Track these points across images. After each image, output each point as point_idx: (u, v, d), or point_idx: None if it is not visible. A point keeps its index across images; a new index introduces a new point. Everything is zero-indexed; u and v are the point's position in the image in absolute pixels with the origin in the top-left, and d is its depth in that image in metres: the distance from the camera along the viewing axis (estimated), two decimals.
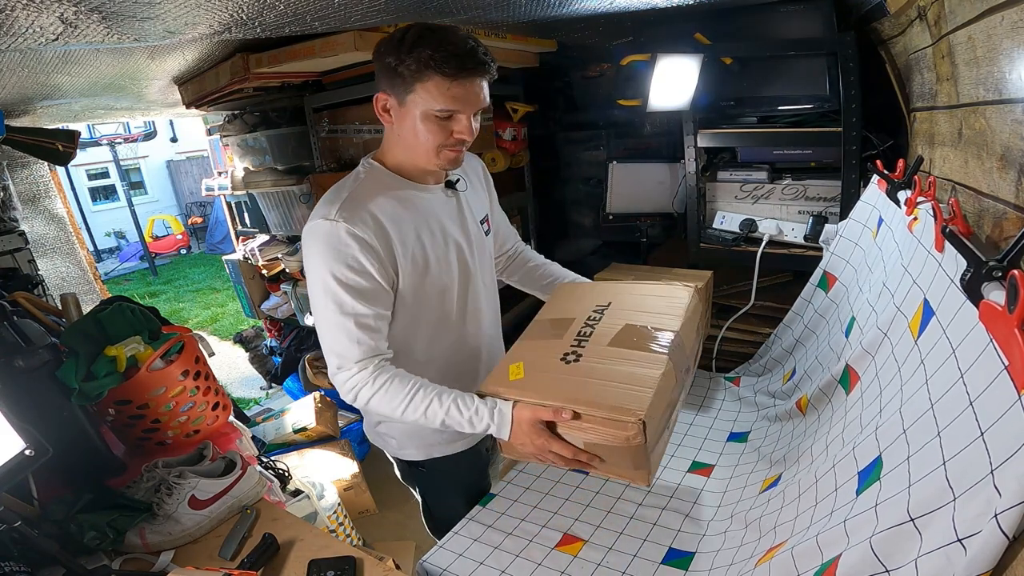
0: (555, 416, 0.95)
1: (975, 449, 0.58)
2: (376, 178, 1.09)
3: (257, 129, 2.55)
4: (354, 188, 1.06)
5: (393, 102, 1.02)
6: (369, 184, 1.08)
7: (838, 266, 1.43)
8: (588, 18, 1.68)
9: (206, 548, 1.09)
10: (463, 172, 1.21)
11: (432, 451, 1.24)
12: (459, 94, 0.98)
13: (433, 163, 1.07)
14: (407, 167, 1.10)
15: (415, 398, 1.01)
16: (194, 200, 11.29)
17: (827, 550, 0.73)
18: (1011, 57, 0.79)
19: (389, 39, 0.99)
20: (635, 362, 1.00)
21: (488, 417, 1.00)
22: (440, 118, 1.01)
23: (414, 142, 1.04)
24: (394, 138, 1.08)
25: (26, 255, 2.26)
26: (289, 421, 2.50)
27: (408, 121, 1.02)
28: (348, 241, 0.99)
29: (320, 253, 1.01)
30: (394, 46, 0.98)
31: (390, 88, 1.01)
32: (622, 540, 1.09)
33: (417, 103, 0.99)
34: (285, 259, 2.76)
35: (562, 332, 1.12)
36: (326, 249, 1.00)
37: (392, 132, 1.07)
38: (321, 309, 1.03)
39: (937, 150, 1.18)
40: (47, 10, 0.88)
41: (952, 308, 0.74)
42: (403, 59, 0.96)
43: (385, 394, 1.02)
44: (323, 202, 1.05)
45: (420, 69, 0.96)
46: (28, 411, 0.96)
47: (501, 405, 1.00)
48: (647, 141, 2.40)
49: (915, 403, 0.75)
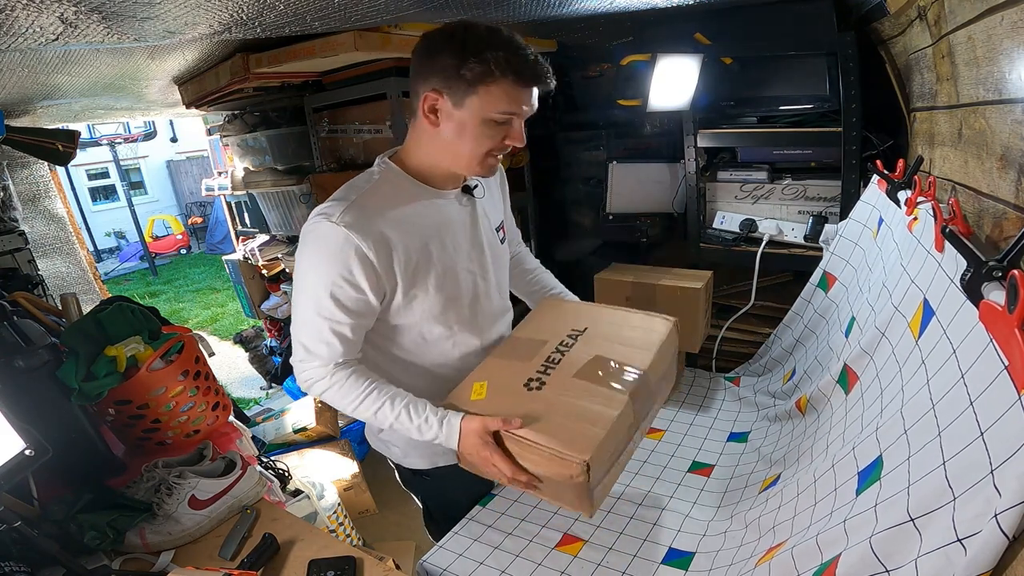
0: (503, 426, 0.95)
1: (975, 449, 0.58)
2: (390, 181, 1.05)
3: (257, 129, 2.55)
4: (365, 191, 1.02)
5: (445, 103, 0.97)
6: (382, 188, 1.04)
7: (838, 266, 1.43)
8: (588, 18, 1.68)
9: (206, 548, 1.09)
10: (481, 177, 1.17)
11: (436, 460, 1.20)
12: (524, 99, 0.97)
13: (474, 170, 1.03)
14: (429, 171, 1.06)
15: (367, 398, 1.01)
16: (194, 200, 11.29)
17: (827, 550, 0.73)
18: (1011, 57, 0.79)
19: (443, 38, 0.95)
20: (595, 398, 0.98)
21: (437, 427, 1.00)
22: (498, 123, 0.98)
23: (459, 146, 1.00)
24: (427, 140, 1.03)
25: (26, 255, 2.26)
26: (289, 421, 2.50)
27: (459, 124, 0.98)
28: (347, 249, 0.96)
29: (316, 253, 0.99)
30: (455, 47, 0.93)
31: (445, 89, 0.95)
32: (622, 540, 1.09)
33: (478, 106, 0.95)
34: (285, 259, 2.76)
35: (532, 354, 1.11)
36: (322, 250, 0.98)
37: (428, 133, 1.02)
38: (301, 302, 1.02)
39: (937, 150, 1.18)
40: (47, 10, 0.88)
41: (952, 308, 0.74)
42: (467, 60, 0.92)
43: (340, 390, 1.02)
44: (331, 200, 1.01)
45: (490, 71, 0.93)
46: (28, 411, 0.96)
47: (451, 416, 1.00)
48: (647, 141, 2.40)
49: (917, 403, 0.75)
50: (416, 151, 1.06)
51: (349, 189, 1.04)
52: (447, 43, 0.94)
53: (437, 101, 0.97)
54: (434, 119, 0.99)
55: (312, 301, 1.00)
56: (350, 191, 1.03)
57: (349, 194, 1.02)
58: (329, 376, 1.02)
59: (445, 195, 1.09)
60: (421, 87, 0.98)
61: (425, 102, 0.98)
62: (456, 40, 0.94)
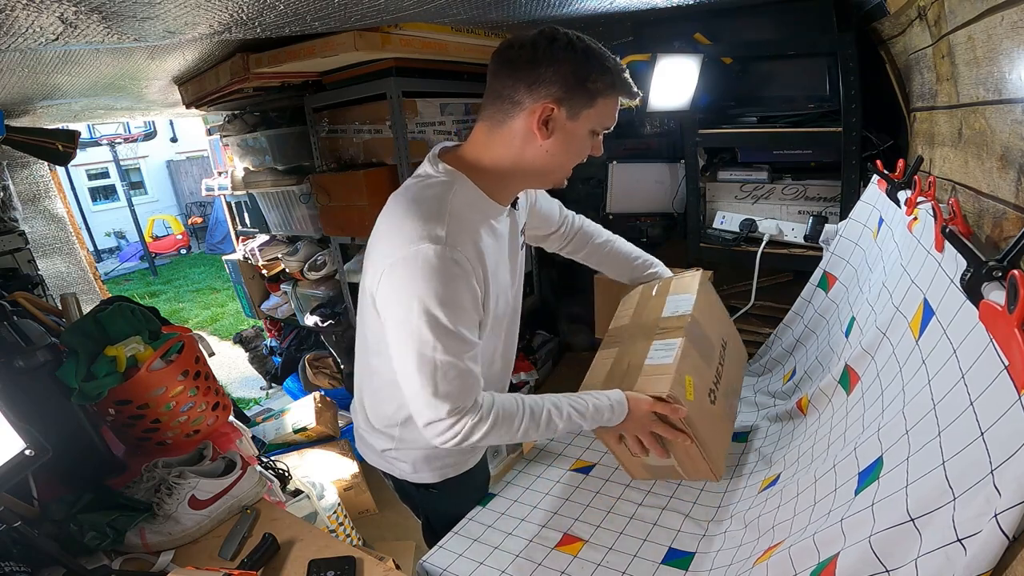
0: (671, 412, 1.03)
1: (975, 449, 0.58)
2: (465, 195, 0.96)
3: (257, 129, 2.55)
4: (451, 203, 0.92)
5: (562, 114, 0.91)
6: (460, 202, 0.94)
7: (838, 266, 1.42)
8: (588, 18, 1.68)
9: (206, 548, 1.09)
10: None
11: (447, 472, 1.19)
12: (616, 113, 0.97)
13: (559, 182, 1.03)
14: (495, 184, 0.99)
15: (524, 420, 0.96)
16: (194, 200, 11.30)
17: (824, 549, 0.73)
18: (1011, 57, 0.79)
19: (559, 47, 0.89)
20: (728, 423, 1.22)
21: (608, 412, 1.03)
22: (595, 135, 0.97)
23: (561, 159, 0.97)
24: (517, 150, 0.95)
25: (26, 255, 2.26)
26: (289, 421, 2.50)
27: (568, 136, 0.94)
28: (455, 271, 0.88)
29: (427, 282, 0.86)
30: (578, 57, 0.89)
31: (567, 99, 0.90)
32: (622, 540, 1.09)
33: (591, 119, 0.93)
34: (285, 259, 2.76)
35: (711, 358, 1.20)
36: (436, 279, 0.86)
37: (525, 146, 0.95)
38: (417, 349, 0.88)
39: (937, 150, 1.18)
40: (47, 10, 0.88)
41: (952, 308, 0.74)
42: (592, 72, 0.90)
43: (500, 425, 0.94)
44: (418, 218, 0.90)
45: (610, 85, 0.92)
46: (28, 411, 0.96)
47: (617, 397, 1.04)
48: (647, 141, 2.40)
49: (918, 403, 0.75)
50: (494, 161, 0.98)
51: (429, 204, 0.93)
52: (565, 52, 0.89)
53: (553, 112, 0.91)
54: (545, 131, 0.93)
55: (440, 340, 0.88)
56: (433, 207, 0.92)
57: (434, 211, 0.91)
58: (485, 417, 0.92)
59: (504, 210, 1.04)
60: (528, 98, 0.91)
61: (539, 114, 0.91)
62: (577, 50, 0.89)
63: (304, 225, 2.58)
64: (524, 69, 0.90)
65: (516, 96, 0.91)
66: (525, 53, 0.90)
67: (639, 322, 1.26)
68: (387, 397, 1.12)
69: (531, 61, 0.90)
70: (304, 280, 2.75)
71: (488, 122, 0.97)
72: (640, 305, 1.33)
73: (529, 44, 0.90)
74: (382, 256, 0.92)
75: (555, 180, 1.03)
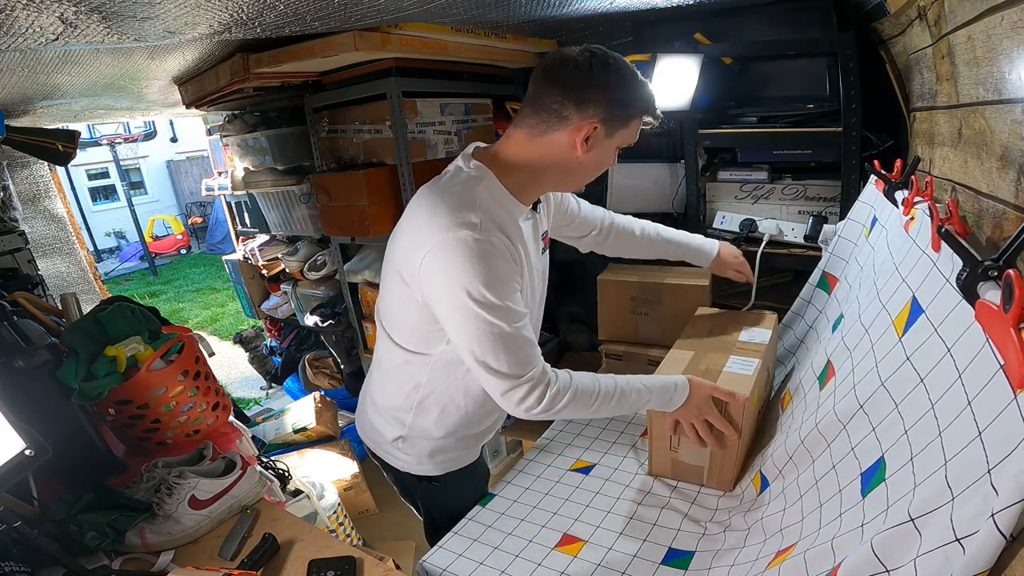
0: (728, 398, 1.09)
1: (973, 449, 0.58)
2: (492, 191, 1.00)
3: (257, 129, 2.55)
4: (480, 195, 0.98)
5: (602, 132, 0.98)
6: (487, 196, 0.99)
7: (837, 266, 1.43)
8: (588, 18, 1.68)
9: (206, 548, 1.09)
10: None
11: (448, 466, 1.21)
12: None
13: (581, 188, 1.12)
14: (520, 186, 1.03)
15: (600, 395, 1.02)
16: (194, 200, 11.30)
17: (840, 553, 0.73)
18: (1011, 57, 0.79)
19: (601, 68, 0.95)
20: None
21: (673, 391, 1.08)
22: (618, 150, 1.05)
23: (591, 172, 1.06)
24: (551, 162, 1.01)
25: (26, 255, 2.26)
26: (289, 421, 2.50)
27: (603, 153, 1.02)
28: (498, 249, 0.93)
29: (470, 265, 0.91)
30: (627, 83, 0.97)
31: (608, 118, 0.97)
32: (622, 540, 1.09)
33: (623, 137, 1.02)
34: (285, 259, 2.76)
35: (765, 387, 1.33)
36: (477, 261, 0.91)
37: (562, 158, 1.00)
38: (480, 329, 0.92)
39: (937, 150, 1.18)
40: (47, 10, 0.88)
41: (947, 307, 0.74)
42: (633, 96, 0.99)
43: (577, 401, 0.99)
44: (450, 207, 0.95)
45: (644, 109, 1.01)
46: (28, 411, 0.96)
47: (681, 380, 1.10)
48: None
49: (915, 403, 0.75)
50: (526, 165, 1.03)
51: (458, 193, 0.98)
52: (616, 78, 0.96)
53: (596, 130, 0.97)
54: (585, 146, 0.99)
55: (497, 318, 0.92)
56: (463, 195, 0.98)
57: (470, 201, 0.96)
58: (564, 389, 0.98)
59: (525, 211, 1.08)
60: (577, 116, 0.96)
61: (583, 132, 0.97)
62: (625, 76, 0.97)
63: (304, 225, 2.58)
64: (576, 88, 0.95)
65: (564, 112, 0.97)
66: (580, 74, 0.95)
67: (716, 337, 1.36)
68: (404, 376, 1.14)
69: (584, 81, 0.95)
70: (304, 280, 2.75)
71: (528, 130, 1.01)
72: (716, 323, 1.44)
73: (585, 65, 0.95)
74: (417, 244, 0.97)
75: (576, 187, 1.12)
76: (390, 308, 1.13)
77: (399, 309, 1.10)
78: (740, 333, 1.36)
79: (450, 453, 1.20)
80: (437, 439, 1.17)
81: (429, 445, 1.18)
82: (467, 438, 1.21)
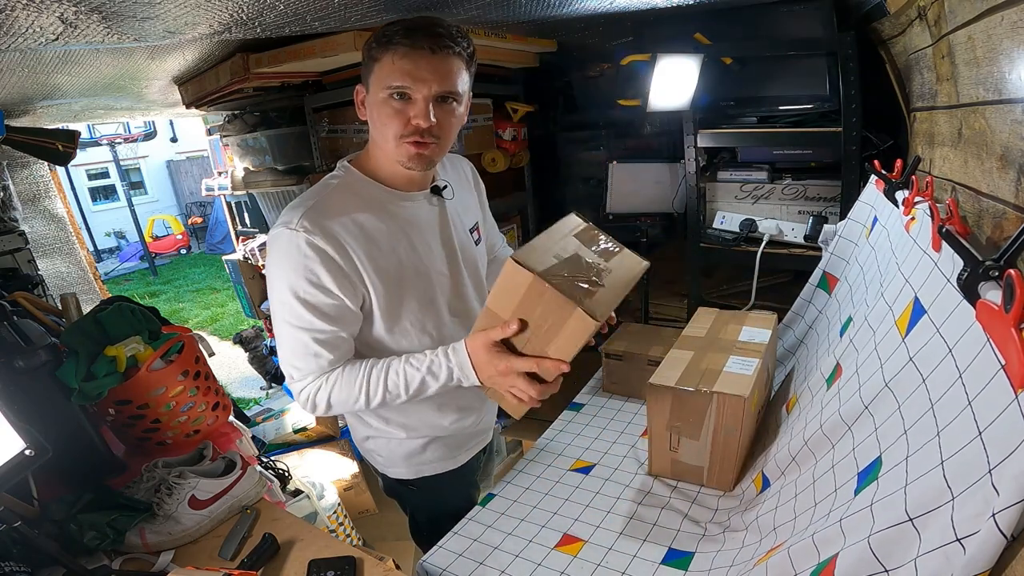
0: (504, 330, 0.90)
1: (973, 448, 0.58)
2: (349, 185, 1.04)
3: (257, 129, 2.55)
4: (322, 195, 1.01)
5: (363, 91, 1.00)
6: (341, 192, 1.02)
7: (837, 266, 1.43)
8: (588, 18, 1.68)
9: (206, 548, 1.09)
10: (450, 178, 1.15)
11: (422, 470, 1.21)
12: (409, 68, 0.91)
13: (396, 158, 0.99)
14: (387, 171, 1.04)
15: (371, 377, 1.00)
16: (194, 200, 11.30)
17: (823, 548, 0.73)
18: (1011, 57, 0.79)
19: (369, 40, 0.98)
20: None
21: (445, 360, 0.98)
22: (395, 99, 0.93)
23: (378, 134, 1.00)
24: (371, 136, 1.04)
25: (26, 255, 2.26)
26: (289, 421, 2.50)
27: (372, 107, 0.98)
28: (308, 253, 0.95)
29: (279, 263, 0.97)
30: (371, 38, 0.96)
31: (364, 76, 0.98)
32: (622, 540, 1.09)
33: (376, 84, 0.95)
34: None
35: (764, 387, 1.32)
36: (285, 260, 0.96)
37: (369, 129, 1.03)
38: (279, 320, 1.00)
39: (937, 150, 1.18)
40: (47, 10, 0.88)
41: (948, 308, 0.74)
42: (372, 41, 0.95)
43: (341, 386, 1.01)
44: (288, 208, 1.00)
45: (379, 46, 0.93)
46: (28, 411, 0.96)
47: (454, 344, 0.98)
48: (647, 141, 2.40)
49: (916, 403, 0.75)
50: (371, 151, 1.06)
51: (306, 196, 1.03)
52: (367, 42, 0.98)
53: (362, 91, 1.01)
54: (364, 111, 1.02)
55: (289, 314, 0.98)
56: (307, 197, 1.01)
57: (306, 200, 1.00)
58: (325, 381, 1.01)
59: (411, 196, 1.07)
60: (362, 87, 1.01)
61: (357, 96, 1.02)
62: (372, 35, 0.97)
63: None
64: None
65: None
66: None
67: (716, 337, 1.36)
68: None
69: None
70: None
71: None
72: (716, 323, 1.43)
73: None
74: None
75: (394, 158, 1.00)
76: None
77: None
78: (740, 333, 1.37)
79: (422, 456, 1.20)
80: (402, 440, 1.18)
81: (398, 447, 1.19)
82: (435, 442, 1.21)
